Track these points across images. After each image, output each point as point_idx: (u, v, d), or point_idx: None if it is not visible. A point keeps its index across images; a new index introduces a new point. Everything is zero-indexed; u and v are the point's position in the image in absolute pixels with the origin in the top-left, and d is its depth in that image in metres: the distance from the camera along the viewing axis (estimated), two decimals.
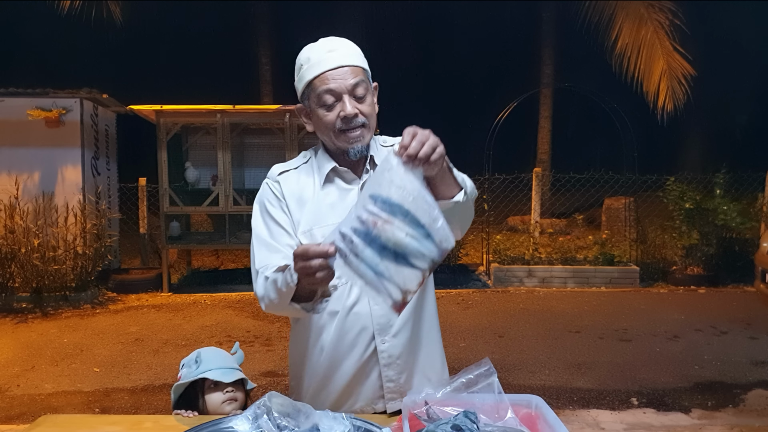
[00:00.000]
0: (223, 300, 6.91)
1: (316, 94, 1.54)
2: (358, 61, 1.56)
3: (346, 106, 1.52)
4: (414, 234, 1.11)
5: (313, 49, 1.55)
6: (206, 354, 1.81)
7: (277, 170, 1.69)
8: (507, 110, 8.77)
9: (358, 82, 1.52)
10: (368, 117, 1.57)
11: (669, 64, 9.67)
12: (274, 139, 7.56)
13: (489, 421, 1.38)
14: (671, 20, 9.78)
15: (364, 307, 1.59)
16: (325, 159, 1.64)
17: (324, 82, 1.52)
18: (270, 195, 1.65)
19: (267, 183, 1.67)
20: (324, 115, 1.55)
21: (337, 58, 1.52)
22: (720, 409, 3.83)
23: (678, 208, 7.71)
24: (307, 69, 1.54)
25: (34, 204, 6.78)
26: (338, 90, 1.52)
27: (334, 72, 1.51)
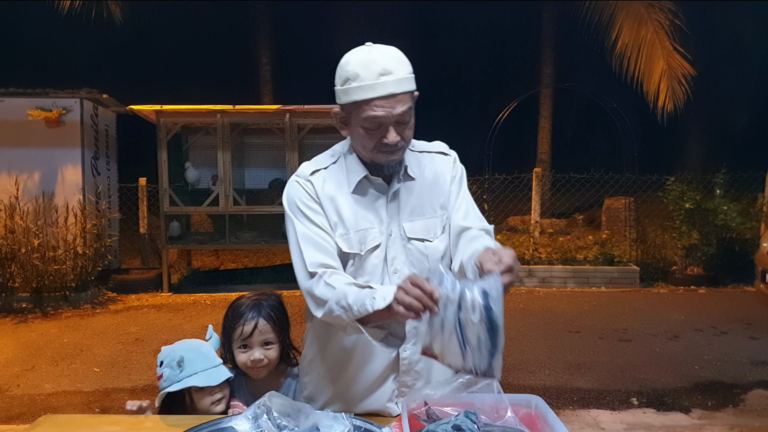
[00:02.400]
0: (223, 300, 6.91)
1: (360, 117, 1.50)
2: (409, 85, 1.50)
3: (389, 135, 1.49)
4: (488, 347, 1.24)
5: (366, 67, 1.47)
6: (188, 356, 1.76)
7: (308, 169, 1.63)
8: (507, 110, 8.77)
9: (405, 110, 1.49)
10: (407, 140, 1.55)
11: (669, 64, 9.66)
12: (274, 139, 7.56)
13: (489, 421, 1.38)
14: (671, 20, 9.77)
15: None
16: (357, 164, 1.61)
17: (371, 108, 1.47)
18: (303, 195, 1.59)
19: (297, 182, 1.62)
20: (364, 136, 1.53)
21: (389, 85, 1.46)
22: (720, 409, 3.83)
23: (678, 208, 7.71)
24: (356, 88, 1.48)
25: (34, 204, 6.78)
26: (384, 119, 1.48)
27: (383, 100, 1.46)
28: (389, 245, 1.60)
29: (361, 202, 1.60)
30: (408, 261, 1.60)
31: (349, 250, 1.57)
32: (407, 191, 1.63)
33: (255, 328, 1.78)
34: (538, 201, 8.51)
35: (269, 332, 1.80)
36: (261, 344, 1.79)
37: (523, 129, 12.90)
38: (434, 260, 1.61)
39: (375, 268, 1.58)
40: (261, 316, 1.80)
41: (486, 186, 8.45)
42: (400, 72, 1.48)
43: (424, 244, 1.62)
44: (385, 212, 1.60)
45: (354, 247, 1.58)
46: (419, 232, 1.62)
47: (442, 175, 1.67)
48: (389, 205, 1.61)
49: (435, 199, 1.65)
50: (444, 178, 1.67)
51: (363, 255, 1.58)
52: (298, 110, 7.03)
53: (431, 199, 1.64)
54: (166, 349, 1.79)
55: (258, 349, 1.79)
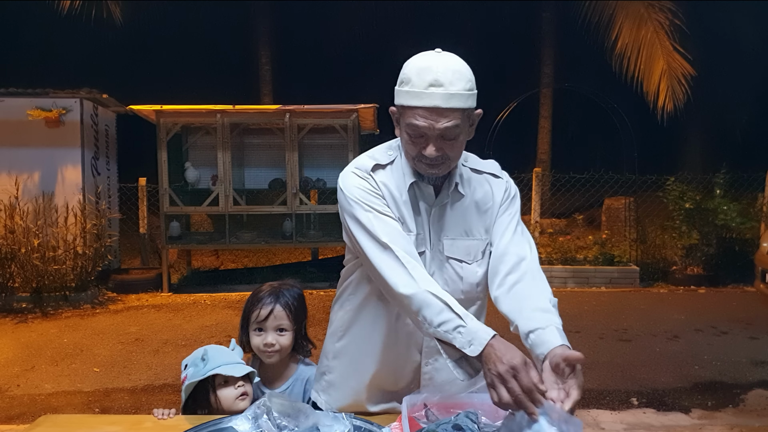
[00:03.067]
0: (223, 300, 6.91)
1: (405, 121, 1.47)
2: (460, 102, 1.43)
3: (429, 149, 1.45)
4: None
5: (419, 74, 1.43)
6: (212, 351, 1.80)
7: (369, 163, 1.57)
8: (507, 110, 8.77)
9: (450, 126, 1.43)
10: (452, 156, 1.49)
11: (669, 64, 9.66)
12: (274, 139, 7.56)
13: (488, 421, 1.38)
14: (671, 20, 9.78)
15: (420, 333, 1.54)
16: (409, 169, 1.56)
17: (414, 116, 1.44)
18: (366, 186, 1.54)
19: (357, 174, 1.56)
20: (407, 142, 1.50)
21: (436, 98, 1.41)
22: (720, 409, 3.83)
23: (678, 208, 7.71)
24: (405, 93, 1.45)
25: (34, 204, 6.78)
26: (426, 130, 1.44)
27: (427, 111, 1.42)
28: (429, 259, 1.56)
29: (408, 206, 1.56)
30: (443, 278, 1.56)
31: None
32: (454, 207, 1.58)
33: (271, 313, 1.84)
34: (538, 201, 8.51)
35: (284, 319, 1.85)
36: (275, 329, 1.85)
37: (523, 129, 12.89)
38: (469, 284, 1.58)
39: None
40: (278, 303, 1.85)
41: None
42: (453, 87, 1.42)
43: (461, 265, 1.58)
44: (427, 224, 1.57)
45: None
46: (458, 252, 1.57)
47: (492, 198, 1.61)
48: (433, 218, 1.57)
49: (480, 221, 1.60)
50: (494, 201, 1.61)
51: None
52: (298, 110, 7.03)
53: (476, 221, 1.59)
54: (192, 354, 1.83)
55: (271, 334, 1.84)
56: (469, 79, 1.47)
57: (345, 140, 7.09)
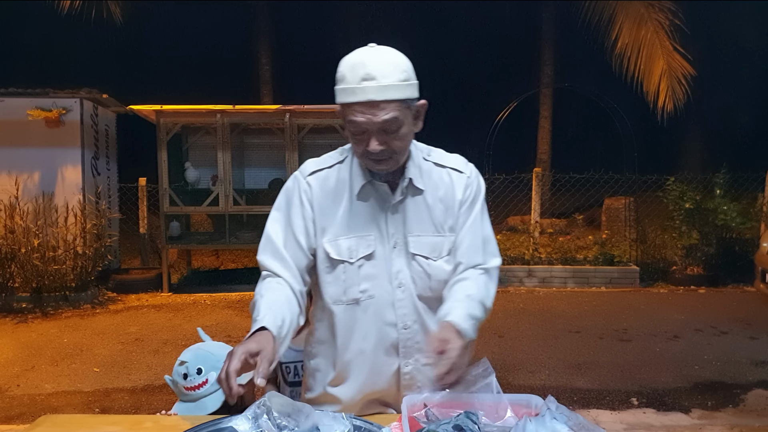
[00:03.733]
0: (223, 300, 6.91)
1: (345, 119, 1.47)
2: (395, 93, 1.42)
3: (372, 144, 1.44)
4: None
5: (352, 69, 1.42)
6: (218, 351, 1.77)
7: (309, 168, 1.60)
8: (507, 110, 8.77)
9: (388, 119, 1.42)
10: (397, 150, 1.48)
11: (669, 64, 9.66)
12: (274, 139, 7.56)
13: (488, 422, 1.38)
14: (671, 20, 9.78)
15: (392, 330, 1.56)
16: (362, 169, 1.56)
17: (352, 113, 1.43)
18: (297, 194, 1.57)
19: (297, 180, 1.59)
20: (352, 141, 1.50)
21: (369, 92, 1.40)
22: (720, 409, 3.83)
23: (678, 208, 7.71)
24: (341, 90, 1.45)
25: (34, 204, 6.78)
26: (365, 126, 1.43)
27: (363, 106, 1.41)
28: (393, 257, 1.55)
29: (361, 208, 1.55)
30: (411, 276, 1.55)
31: (338, 256, 1.54)
32: (414, 203, 1.57)
33: None
34: (538, 201, 8.51)
35: None
36: None
37: (523, 129, 12.89)
38: (437, 280, 1.56)
39: (374, 278, 1.54)
40: None
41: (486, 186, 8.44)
42: (387, 79, 1.41)
43: (427, 262, 1.56)
44: (386, 222, 1.55)
45: (343, 254, 1.54)
46: (424, 249, 1.55)
47: (454, 194, 1.59)
48: (392, 215, 1.55)
49: (444, 218, 1.58)
50: (455, 198, 1.59)
51: (353, 263, 1.54)
52: (298, 110, 7.03)
53: (440, 217, 1.57)
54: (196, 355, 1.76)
55: None
56: (404, 70, 1.45)
57: (345, 140, 7.07)
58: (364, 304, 1.55)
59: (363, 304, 1.55)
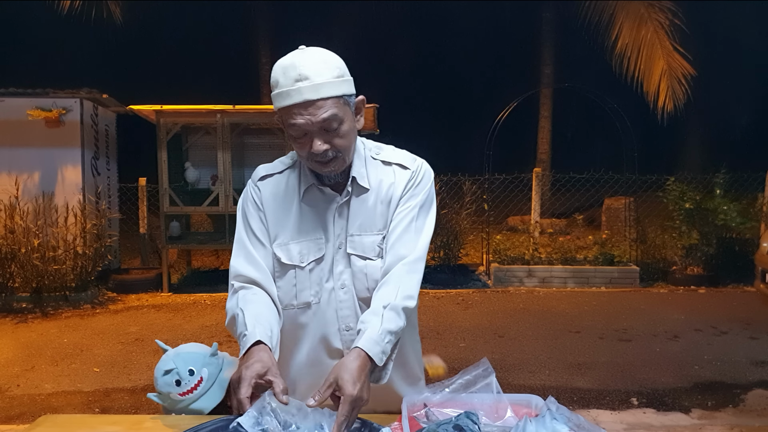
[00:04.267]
0: (223, 300, 6.89)
1: (285, 123, 1.45)
2: (331, 90, 1.41)
3: (315, 144, 1.43)
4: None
5: (284, 73, 1.42)
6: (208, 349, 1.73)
7: (260, 173, 1.61)
8: (507, 110, 8.76)
9: (327, 118, 1.40)
10: (341, 149, 1.46)
11: (669, 64, 9.67)
12: (274, 139, 7.56)
13: (489, 422, 1.38)
14: (671, 20, 9.79)
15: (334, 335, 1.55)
16: (308, 172, 1.55)
17: (291, 116, 1.42)
18: (250, 200, 1.59)
19: (249, 185, 1.61)
20: (294, 145, 1.48)
21: (305, 92, 1.39)
22: (720, 409, 3.83)
23: (678, 208, 7.71)
24: (277, 95, 1.44)
25: (34, 204, 6.78)
26: (305, 128, 1.42)
27: (300, 107, 1.40)
28: (337, 259, 1.54)
29: (309, 211, 1.55)
30: (350, 278, 1.54)
31: (288, 261, 1.53)
32: (358, 203, 1.55)
33: None
34: (538, 201, 8.51)
35: None
36: None
37: (523, 129, 12.90)
38: (374, 280, 1.52)
39: (322, 281, 1.54)
40: None
41: (486, 186, 8.45)
42: (319, 77, 1.40)
43: (365, 262, 1.53)
44: (333, 224, 1.54)
45: (294, 258, 1.53)
46: (360, 248, 1.53)
47: (395, 190, 1.56)
48: (338, 217, 1.54)
49: (384, 215, 1.55)
50: (396, 194, 1.56)
51: (303, 267, 1.53)
52: None
53: (381, 215, 1.55)
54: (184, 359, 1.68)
55: None
56: (337, 67, 1.44)
57: None
58: (314, 308, 1.55)
59: (314, 307, 1.55)
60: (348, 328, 1.55)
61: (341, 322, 1.55)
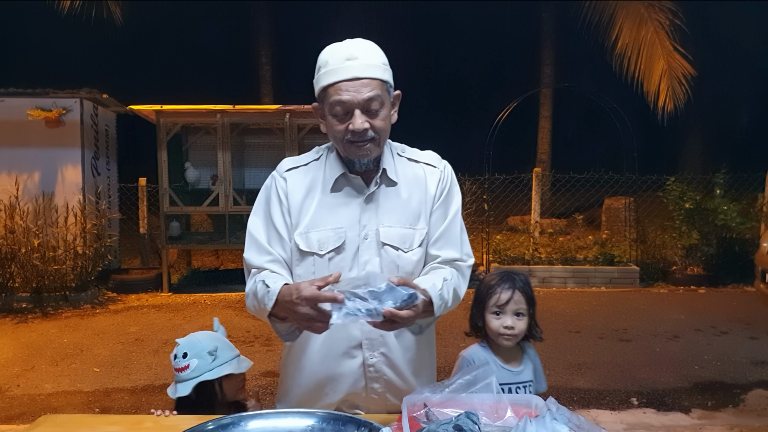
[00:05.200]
0: (223, 300, 6.92)
1: (328, 102, 1.51)
2: (377, 72, 1.50)
3: (356, 121, 1.49)
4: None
5: (334, 53, 1.50)
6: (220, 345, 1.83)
7: (286, 165, 1.66)
8: (507, 110, 8.76)
9: (372, 97, 1.48)
10: (379, 132, 1.53)
11: (669, 64, 9.66)
12: (274, 139, 7.56)
13: (489, 422, 1.38)
14: (671, 20, 9.78)
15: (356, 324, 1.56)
16: (337, 163, 1.61)
17: (337, 92, 1.48)
18: (273, 192, 1.62)
19: (274, 177, 1.65)
20: (334, 124, 1.53)
21: (354, 69, 1.47)
22: (720, 409, 3.83)
23: (678, 208, 7.71)
24: (324, 74, 1.50)
25: (34, 204, 6.78)
26: (350, 103, 1.48)
27: (348, 83, 1.47)
28: (363, 248, 1.57)
29: (335, 201, 1.59)
30: (380, 267, 1.57)
31: (307, 248, 1.56)
32: (387, 195, 1.60)
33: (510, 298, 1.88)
34: (538, 201, 8.51)
35: (522, 303, 1.88)
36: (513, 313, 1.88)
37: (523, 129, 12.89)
38: (405, 272, 1.58)
39: (343, 270, 1.55)
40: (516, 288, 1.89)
41: (486, 186, 8.45)
42: (368, 58, 1.49)
43: (397, 252, 1.58)
44: (360, 213, 1.58)
45: (312, 246, 1.56)
46: (394, 240, 1.58)
47: (427, 189, 1.63)
48: (366, 206, 1.59)
49: (416, 211, 1.61)
50: (429, 193, 1.63)
51: (323, 255, 1.56)
52: (298, 110, 7.03)
53: (412, 210, 1.61)
54: (187, 341, 1.83)
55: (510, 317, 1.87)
56: (382, 55, 1.54)
57: None
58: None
59: None
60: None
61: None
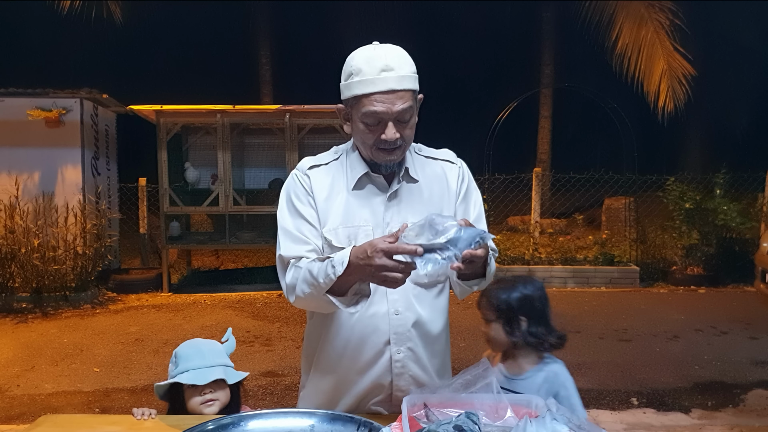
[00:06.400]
0: (223, 300, 6.92)
1: (361, 111, 1.51)
2: (410, 83, 1.51)
3: (389, 132, 1.50)
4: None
5: (369, 62, 1.50)
6: (184, 352, 1.75)
7: (307, 163, 1.67)
8: (507, 110, 8.76)
9: (405, 109, 1.50)
10: (407, 139, 1.55)
11: (669, 64, 9.66)
12: (274, 139, 7.56)
13: (489, 422, 1.38)
14: (671, 20, 9.78)
15: (383, 317, 1.58)
16: (358, 162, 1.62)
17: (371, 103, 1.49)
18: (299, 188, 1.63)
19: (296, 175, 1.65)
20: (364, 132, 1.54)
21: (390, 81, 1.48)
22: (720, 409, 3.83)
23: (678, 208, 7.71)
24: (358, 82, 1.50)
25: (34, 204, 6.78)
26: (383, 114, 1.49)
27: (383, 95, 1.48)
28: None
29: (358, 199, 1.60)
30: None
31: (338, 244, 1.57)
32: (409, 193, 1.62)
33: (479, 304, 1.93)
34: (538, 201, 8.50)
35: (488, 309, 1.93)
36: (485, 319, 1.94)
37: (523, 129, 12.88)
38: None
39: None
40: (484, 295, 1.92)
41: (486, 186, 8.44)
42: (403, 69, 1.50)
43: None
44: (383, 211, 1.60)
45: (343, 242, 1.57)
46: None
47: (449, 185, 1.67)
48: (389, 204, 1.61)
49: (438, 207, 1.63)
50: (450, 189, 1.67)
51: None
52: (298, 110, 7.03)
53: (435, 206, 1.62)
54: (189, 345, 1.82)
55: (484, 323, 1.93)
56: (413, 63, 1.55)
57: (345, 140, 7.07)
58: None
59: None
60: (397, 312, 1.59)
61: (390, 305, 1.59)
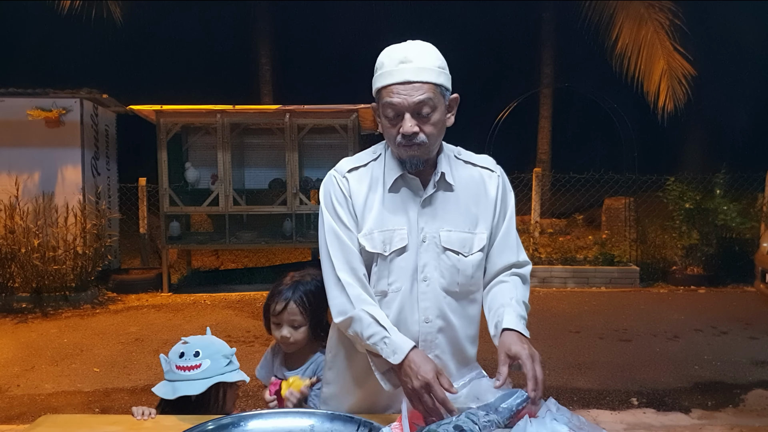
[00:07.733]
0: (223, 300, 6.91)
1: (381, 104, 1.52)
2: (430, 76, 1.49)
3: (405, 124, 1.49)
4: None
5: (390, 56, 1.51)
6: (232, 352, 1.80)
7: (346, 166, 1.64)
8: (507, 110, 8.76)
9: (423, 100, 1.48)
10: (430, 136, 1.52)
11: (669, 64, 9.66)
12: (274, 139, 7.56)
13: None
14: (671, 20, 9.77)
15: (413, 324, 1.58)
16: (395, 163, 1.60)
17: (389, 94, 1.49)
18: (338, 191, 1.60)
19: (335, 177, 1.62)
20: (387, 127, 1.54)
21: (406, 72, 1.47)
22: (720, 409, 3.83)
23: (678, 208, 7.71)
24: (379, 75, 1.52)
25: (34, 204, 6.78)
26: (400, 106, 1.48)
27: (399, 86, 1.48)
28: (421, 251, 1.57)
29: (393, 201, 1.58)
30: (439, 270, 1.58)
31: (372, 249, 1.56)
32: (445, 198, 1.60)
33: (285, 309, 1.88)
34: (538, 201, 8.50)
35: (297, 315, 1.88)
36: (290, 324, 1.89)
37: (523, 129, 12.89)
38: (465, 275, 1.60)
39: (402, 271, 1.56)
40: (293, 299, 1.88)
41: None
42: (422, 62, 1.49)
43: (458, 257, 1.58)
44: (417, 216, 1.58)
45: (377, 247, 1.56)
46: (455, 244, 1.58)
47: (487, 193, 1.64)
48: (423, 210, 1.58)
49: (475, 215, 1.61)
50: (489, 197, 1.64)
51: (387, 256, 1.56)
52: (298, 110, 7.03)
53: (471, 215, 1.61)
54: (199, 340, 1.82)
55: (286, 328, 1.89)
56: (439, 58, 1.53)
57: (345, 140, 7.09)
58: (391, 297, 1.58)
59: (390, 296, 1.58)
60: (427, 320, 1.59)
61: (421, 313, 1.58)
